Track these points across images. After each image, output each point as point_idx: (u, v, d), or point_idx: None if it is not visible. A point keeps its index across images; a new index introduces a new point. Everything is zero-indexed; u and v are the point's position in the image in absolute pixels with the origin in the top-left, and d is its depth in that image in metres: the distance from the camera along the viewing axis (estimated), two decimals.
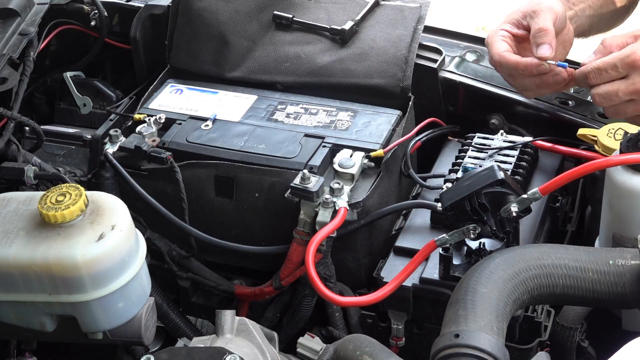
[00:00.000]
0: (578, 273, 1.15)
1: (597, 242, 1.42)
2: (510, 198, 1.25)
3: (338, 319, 1.53)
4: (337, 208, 1.43)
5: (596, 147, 1.49)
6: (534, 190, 1.24)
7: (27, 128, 1.70)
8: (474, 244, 1.32)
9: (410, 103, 1.62)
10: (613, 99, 1.41)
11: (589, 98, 1.66)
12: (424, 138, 1.65)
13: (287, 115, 1.62)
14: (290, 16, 1.74)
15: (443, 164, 1.62)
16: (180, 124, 1.62)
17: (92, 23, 1.89)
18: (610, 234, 1.36)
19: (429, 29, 1.77)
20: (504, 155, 1.53)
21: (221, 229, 1.55)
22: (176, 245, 1.61)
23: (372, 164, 1.51)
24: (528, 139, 1.57)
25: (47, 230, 1.19)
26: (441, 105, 1.71)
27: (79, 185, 1.22)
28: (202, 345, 1.23)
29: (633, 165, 1.27)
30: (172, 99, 1.69)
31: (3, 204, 1.26)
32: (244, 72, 1.71)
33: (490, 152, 1.54)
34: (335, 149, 1.53)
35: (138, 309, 1.27)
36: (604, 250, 1.20)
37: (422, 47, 1.69)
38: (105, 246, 1.18)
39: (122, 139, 1.60)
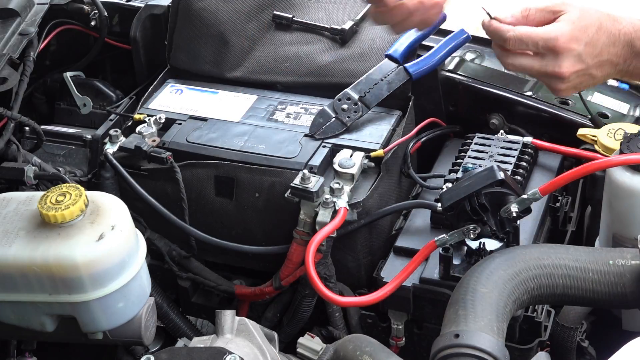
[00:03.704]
0: (578, 273, 1.15)
1: (597, 242, 1.43)
2: (510, 198, 1.25)
3: (338, 319, 1.53)
4: (337, 208, 1.43)
5: (596, 147, 1.49)
6: (534, 190, 1.24)
7: (27, 128, 1.70)
8: (474, 244, 1.32)
9: (410, 103, 1.62)
10: (525, 71, 1.45)
11: (589, 98, 1.67)
12: (424, 138, 1.65)
13: (287, 115, 1.62)
14: (290, 16, 1.73)
15: (443, 164, 1.62)
16: (180, 124, 1.62)
17: (92, 23, 1.89)
18: (610, 234, 1.36)
19: None
20: (504, 155, 1.53)
21: (221, 229, 1.56)
22: (176, 245, 1.61)
23: (372, 164, 1.51)
24: (528, 139, 1.57)
25: (47, 230, 1.19)
26: (441, 105, 1.71)
27: (79, 185, 1.22)
28: (202, 345, 1.23)
29: (633, 165, 1.27)
30: (172, 99, 1.69)
31: (3, 204, 1.26)
32: (244, 72, 1.71)
33: (490, 152, 1.54)
34: (335, 149, 1.53)
35: (138, 309, 1.27)
36: (604, 250, 1.20)
37: (422, 47, 1.69)
38: (105, 246, 1.18)
39: (122, 139, 1.60)
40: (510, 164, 1.51)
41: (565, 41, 1.35)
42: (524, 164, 1.52)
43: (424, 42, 1.67)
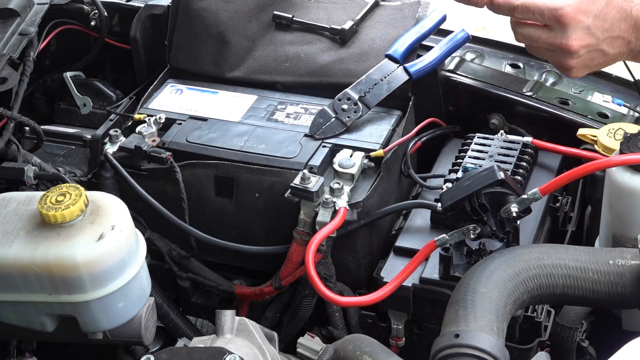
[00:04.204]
0: (578, 273, 1.15)
1: (597, 242, 1.43)
2: (510, 198, 1.25)
3: (338, 319, 1.53)
4: (337, 208, 1.43)
5: (596, 147, 1.49)
6: (534, 190, 1.24)
7: (27, 128, 1.70)
8: (474, 244, 1.32)
9: (410, 103, 1.62)
10: (533, 43, 1.44)
11: (589, 98, 1.67)
12: (424, 138, 1.65)
13: (287, 115, 1.62)
14: (290, 16, 1.73)
15: (443, 164, 1.62)
16: (180, 124, 1.62)
17: (92, 23, 1.89)
18: (610, 234, 1.36)
19: None
20: (504, 155, 1.53)
21: (221, 229, 1.56)
22: (176, 245, 1.61)
23: (372, 164, 1.51)
24: (528, 138, 1.57)
25: (47, 230, 1.19)
26: (441, 105, 1.71)
27: (79, 185, 1.22)
28: (202, 345, 1.23)
29: (633, 165, 1.27)
30: (172, 99, 1.69)
31: (3, 204, 1.26)
32: (244, 72, 1.71)
33: (490, 152, 1.54)
34: (335, 149, 1.53)
35: (138, 309, 1.27)
36: (604, 250, 1.20)
37: (422, 47, 1.69)
38: (105, 246, 1.18)
39: (122, 139, 1.60)
40: (510, 164, 1.51)
41: (572, 12, 1.34)
42: (524, 164, 1.52)
43: (424, 42, 1.67)
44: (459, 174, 1.48)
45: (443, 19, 1.67)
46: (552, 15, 1.36)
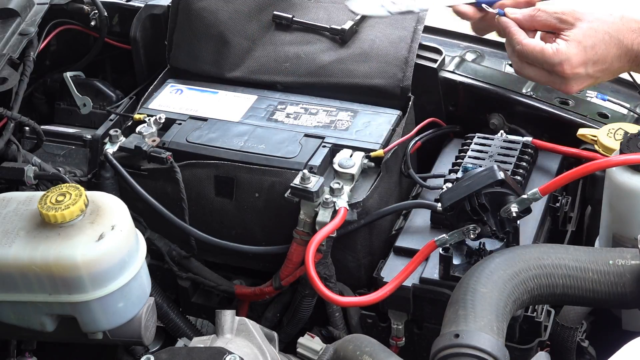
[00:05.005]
0: (578, 273, 1.15)
1: (597, 242, 1.42)
2: (510, 198, 1.25)
3: (338, 319, 1.53)
4: (337, 208, 1.43)
5: (596, 147, 1.49)
6: (534, 190, 1.24)
7: (27, 128, 1.70)
8: (474, 244, 1.32)
9: (410, 103, 1.62)
10: (531, 79, 1.50)
11: (588, 98, 1.67)
12: (424, 138, 1.65)
13: (287, 115, 1.62)
14: (290, 16, 1.73)
15: (443, 164, 1.62)
16: (180, 124, 1.62)
17: (92, 23, 1.89)
18: (610, 234, 1.36)
19: (429, 29, 1.77)
20: (504, 155, 1.53)
21: (221, 229, 1.56)
22: (176, 245, 1.61)
23: (372, 164, 1.51)
24: (528, 138, 1.57)
25: (47, 230, 1.19)
26: (441, 105, 1.71)
27: (79, 185, 1.22)
28: (202, 345, 1.23)
29: (633, 165, 1.27)
30: (172, 99, 1.69)
31: (3, 204, 1.26)
32: (244, 72, 1.71)
33: (490, 152, 1.54)
34: (335, 149, 1.53)
35: (138, 309, 1.27)
36: (604, 250, 1.20)
37: (422, 47, 1.69)
38: (105, 246, 1.18)
39: (122, 139, 1.60)
40: (510, 164, 1.51)
41: (571, 67, 1.38)
42: (524, 164, 1.52)
43: None
44: (459, 174, 1.48)
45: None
46: (551, 69, 1.39)
